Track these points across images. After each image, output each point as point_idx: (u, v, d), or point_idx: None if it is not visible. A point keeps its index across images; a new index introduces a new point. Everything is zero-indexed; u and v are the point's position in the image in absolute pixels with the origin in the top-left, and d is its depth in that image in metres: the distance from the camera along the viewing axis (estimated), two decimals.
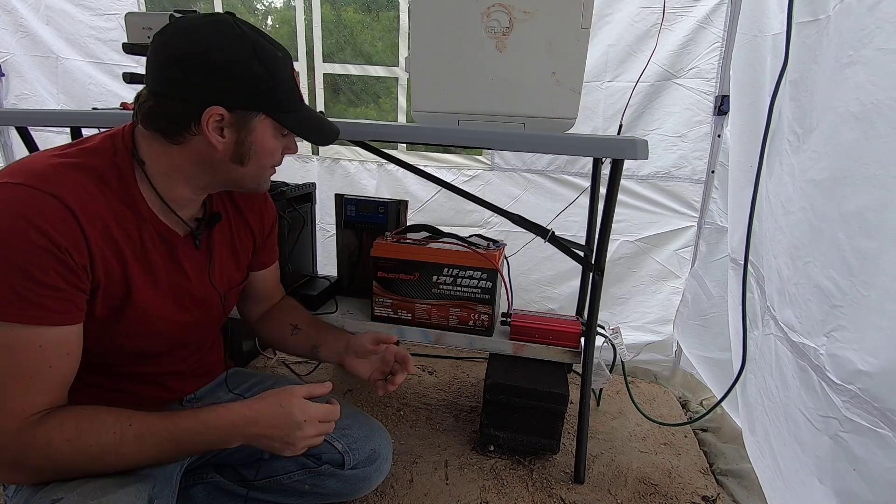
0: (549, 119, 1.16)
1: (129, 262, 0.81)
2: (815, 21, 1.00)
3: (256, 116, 0.81)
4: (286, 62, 0.84)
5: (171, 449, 0.78)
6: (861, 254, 0.82)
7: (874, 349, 0.78)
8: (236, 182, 0.89)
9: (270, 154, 0.87)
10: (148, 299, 0.85)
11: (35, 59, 2.17)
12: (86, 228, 0.73)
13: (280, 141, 0.88)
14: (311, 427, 0.86)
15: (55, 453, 0.72)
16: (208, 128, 0.78)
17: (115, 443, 0.74)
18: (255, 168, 0.87)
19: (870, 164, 0.81)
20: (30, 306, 0.69)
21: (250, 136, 0.82)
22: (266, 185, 0.94)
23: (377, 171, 2.13)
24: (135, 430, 0.76)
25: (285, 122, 0.85)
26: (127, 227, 0.81)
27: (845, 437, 0.84)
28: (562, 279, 2.06)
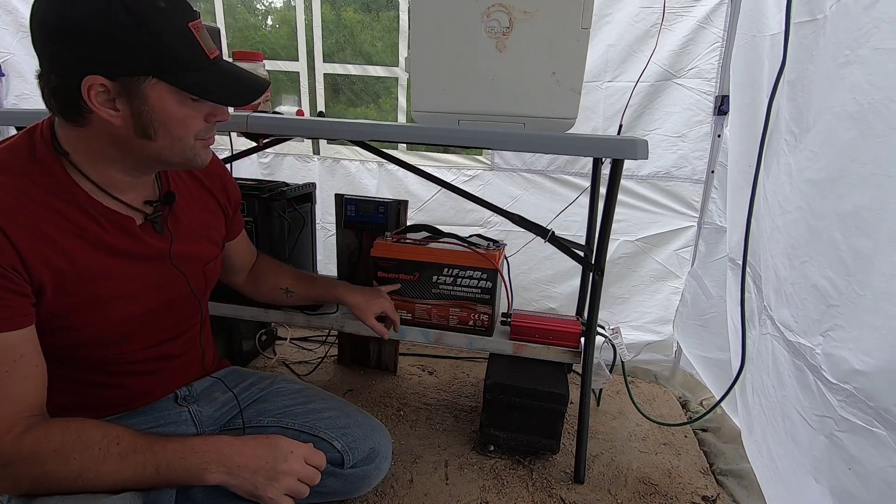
0: (549, 119, 1.16)
1: (76, 252, 0.78)
2: (813, 21, 1.00)
3: (145, 81, 0.71)
4: (174, 12, 0.72)
5: (150, 473, 0.75)
6: (857, 253, 0.82)
7: (870, 349, 0.78)
8: (158, 159, 0.80)
9: (181, 123, 0.77)
10: (111, 284, 0.83)
11: (35, 59, 2.16)
12: (8, 231, 0.70)
13: (192, 107, 0.77)
14: (297, 462, 0.85)
15: (39, 463, 0.70)
16: (94, 102, 0.70)
17: (97, 459, 0.72)
18: (169, 140, 0.77)
19: (866, 164, 0.81)
20: None
21: (146, 105, 0.73)
22: (200, 159, 0.84)
23: (378, 170, 2.13)
24: (120, 449, 0.74)
25: (180, 83, 0.74)
26: (69, 219, 0.78)
27: (841, 436, 0.84)
28: (562, 279, 2.06)
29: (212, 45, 0.78)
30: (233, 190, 1.11)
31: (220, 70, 0.79)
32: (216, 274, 1.09)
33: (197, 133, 0.80)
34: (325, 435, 1.09)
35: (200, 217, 1.01)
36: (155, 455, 0.75)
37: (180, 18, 0.73)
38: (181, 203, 0.95)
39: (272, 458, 0.83)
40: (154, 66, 0.72)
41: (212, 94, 0.77)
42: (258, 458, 0.82)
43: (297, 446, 0.87)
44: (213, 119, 0.82)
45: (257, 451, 0.82)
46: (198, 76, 0.75)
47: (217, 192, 1.06)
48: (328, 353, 1.96)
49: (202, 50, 0.76)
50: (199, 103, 0.79)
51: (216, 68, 0.78)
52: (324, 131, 1.37)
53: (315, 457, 0.89)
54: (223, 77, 0.79)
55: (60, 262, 0.77)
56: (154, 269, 0.90)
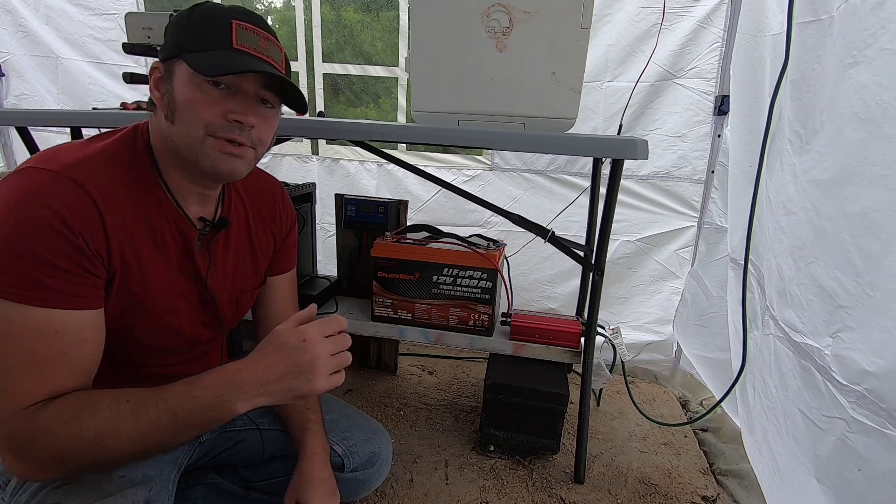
0: (549, 119, 1.16)
1: (145, 254, 0.80)
2: (817, 21, 1.00)
3: (176, 62, 0.75)
4: (226, 11, 0.76)
5: (167, 421, 0.70)
6: (866, 254, 0.82)
7: (880, 350, 0.78)
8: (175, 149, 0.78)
9: (190, 105, 0.75)
10: (163, 290, 0.83)
11: (35, 59, 2.17)
12: (105, 215, 0.72)
13: (207, 93, 0.75)
14: (315, 345, 0.74)
15: (56, 438, 0.69)
16: (153, 84, 0.78)
17: (111, 421, 0.69)
18: (182, 127, 0.76)
19: (875, 165, 0.81)
20: (43, 288, 0.68)
21: (171, 84, 0.76)
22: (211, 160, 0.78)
23: (377, 170, 2.13)
24: (130, 406, 0.70)
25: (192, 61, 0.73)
26: (148, 217, 0.80)
27: (851, 437, 0.84)
28: (562, 279, 2.06)
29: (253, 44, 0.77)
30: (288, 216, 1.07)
31: (235, 54, 0.75)
32: (249, 305, 1.05)
33: (208, 125, 0.76)
34: None
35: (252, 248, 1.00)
36: (167, 402, 0.71)
37: (228, 15, 0.76)
38: (235, 231, 0.95)
39: (288, 357, 0.73)
40: (182, 46, 0.75)
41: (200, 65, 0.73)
42: (273, 366, 0.73)
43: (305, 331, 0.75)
44: (232, 116, 0.76)
45: (269, 360, 0.74)
46: (210, 56, 0.74)
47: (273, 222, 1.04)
48: None
49: (230, 38, 0.75)
50: (219, 94, 0.75)
51: (233, 53, 0.75)
52: (324, 131, 1.37)
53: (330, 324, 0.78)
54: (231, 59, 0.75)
55: (132, 260, 0.78)
56: (195, 288, 0.90)
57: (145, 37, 1.33)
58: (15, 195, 0.68)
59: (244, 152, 0.80)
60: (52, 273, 0.68)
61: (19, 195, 0.68)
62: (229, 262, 0.96)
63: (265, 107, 0.81)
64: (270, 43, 0.80)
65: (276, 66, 0.80)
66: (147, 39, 1.33)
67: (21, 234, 0.67)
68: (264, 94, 0.80)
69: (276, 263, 1.08)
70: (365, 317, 1.49)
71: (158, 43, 1.34)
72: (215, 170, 0.79)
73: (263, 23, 0.80)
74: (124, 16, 1.34)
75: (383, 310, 1.45)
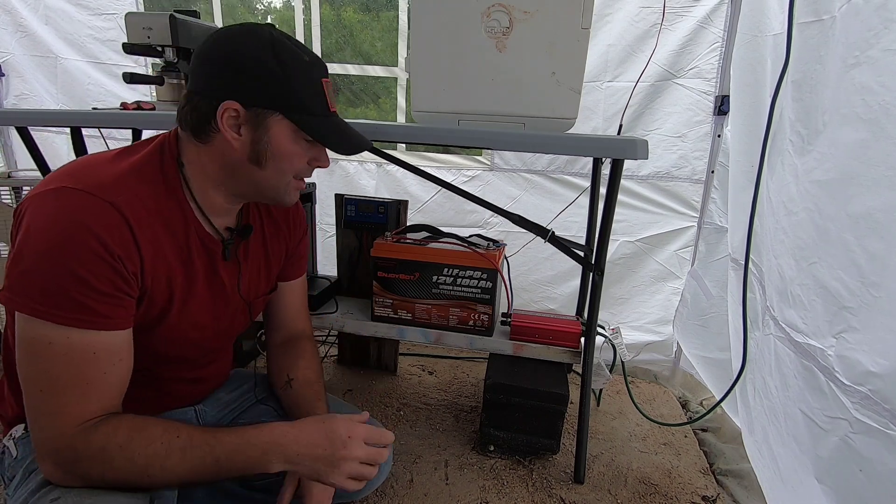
0: (549, 119, 1.16)
1: (174, 269, 0.82)
2: (818, 21, 1.00)
3: (272, 115, 0.80)
4: (313, 67, 0.82)
5: (211, 465, 0.76)
6: (871, 255, 0.82)
7: (884, 351, 0.78)
8: (258, 187, 0.86)
9: (289, 158, 0.84)
10: (187, 306, 0.86)
11: (35, 59, 2.17)
12: (139, 238, 0.74)
13: (302, 147, 0.85)
14: (356, 447, 0.82)
15: (107, 459, 0.72)
16: (224, 123, 0.78)
17: (161, 454, 0.74)
18: (275, 172, 0.84)
19: (878, 165, 0.81)
20: (84, 310, 0.70)
21: (266, 136, 0.80)
22: (290, 198, 0.90)
23: (376, 171, 2.12)
24: (180, 443, 0.75)
25: (302, 124, 0.82)
26: (176, 233, 0.82)
27: (854, 438, 0.84)
28: (562, 279, 2.06)
29: (334, 101, 0.87)
30: (299, 221, 1.11)
31: (336, 122, 0.87)
32: (261, 309, 1.10)
33: (297, 172, 0.87)
34: None
35: (266, 254, 1.03)
36: (213, 449, 0.76)
37: (317, 73, 0.83)
38: (253, 238, 0.98)
39: (330, 446, 0.81)
40: (284, 104, 0.80)
41: (327, 140, 0.85)
42: (316, 445, 0.81)
43: (356, 429, 0.83)
44: (315, 164, 0.89)
45: (314, 439, 0.81)
46: (318, 122, 0.83)
47: (287, 230, 1.07)
48: (328, 353, 1.95)
49: (326, 102, 0.85)
50: (308, 146, 0.85)
51: (333, 119, 0.87)
52: None
53: (376, 435, 0.86)
54: (337, 128, 0.87)
55: (162, 279, 0.80)
56: (220, 299, 0.93)
57: (145, 37, 1.32)
58: (56, 218, 0.70)
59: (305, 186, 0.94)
60: (94, 296, 0.71)
61: (60, 219, 0.69)
62: (249, 269, 0.98)
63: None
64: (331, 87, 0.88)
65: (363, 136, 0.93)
66: (147, 39, 1.33)
67: (65, 257, 0.69)
68: None
69: (288, 269, 1.11)
70: (365, 317, 1.49)
71: (158, 43, 1.34)
72: (288, 203, 0.91)
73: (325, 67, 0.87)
74: (124, 16, 1.33)
75: (383, 310, 1.45)
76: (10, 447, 0.86)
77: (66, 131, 1.79)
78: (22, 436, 0.87)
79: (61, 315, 0.69)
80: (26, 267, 0.69)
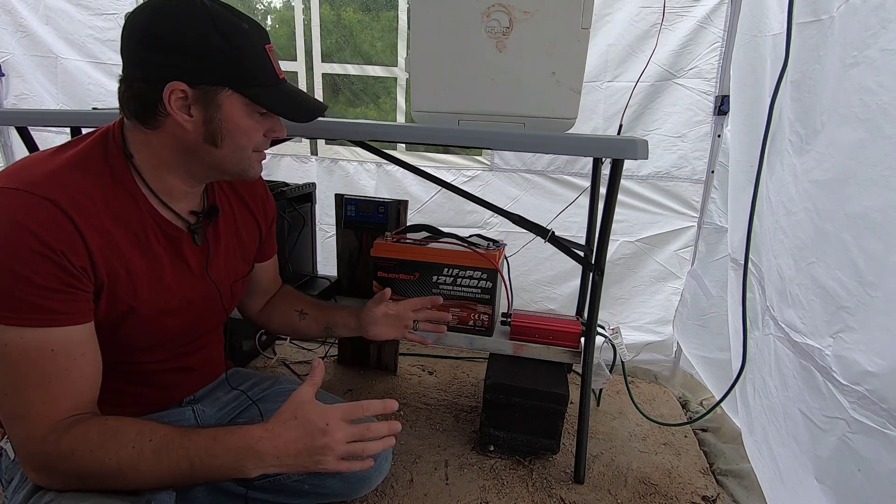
0: (549, 119, 1.16)
1: (133, 261, 0.80)
2: (817, 21, 1.00)
3: (222, 91, 0.77)
4: (254, 35, 0.79)
5: (185, 469, 0.73)
6: (868, 255, 0.82)
7: (882, 350, 0.78)
8: (218, 167, 0.84)
9: (245, 133, 0.82)
10: (155, 296, 0.84)
11: (35, 59, 2.17)
12: (83, 230, 0.72)
13: (256, 120, 0.82)
14: (338, 430, 0.77)
15: (79, 463, 0.71)
16: (172, 106, 0.75)
17: (133, 458, 0.72)
18: (232, 149, 0.82)
19: (876, 166, 0.81)
20: (34, 309, 0.69)
21: (218, 114, 0.78)
22: (254, 171, 0.88)
23: (376, 171, 2.13)
24: (153, 446, 0.73)
25: (255, 97, 0.79)
26: (130, 225, 0.80)
27: (852, 437, 0.84)
28: (561, 279, 2.06)
29: (278, 66, 0.84)
30: (270, 206, 1.12)
31: (287, 89, 0.85)
32: (242, 292, 1.09)
33: (255, 145, 0.85)
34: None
35: (238, 235, 1.03)
36: (187, 451, 0.73)
37: (258, 40, 0.80)
38: (222, 219, 0.98)
39: (309, 439, 0.76)
40: (232, 78, 0.77)
41: (280, 109, 0.83)
42: (293, 442, 0.76)
43: (331, 413, 0.78)
44: (272, 134, 0.87)
45: (289, 437, 0.76)
46: (268, 92, 0.81)
47: (257, 209, 1.07)
48: (328, 353, 1.96)
49: (273, 70, 0.82)
50: (263, 118, 0.84)
51: (284, 87, 0.84)
52: (324, 131, 1.37)
53: (356, 410, 0.80)
54: (289, 95, 0.85)
55: (120, 269, 0.79)
56: (192, 283, 0.92)
57: None
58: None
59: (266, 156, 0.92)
60: (41, 293, 0.69)
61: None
62: (221, 251, 0.97)
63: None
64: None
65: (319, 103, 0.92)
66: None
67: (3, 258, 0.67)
68: None
69: (263, 250, 1.13)
70: None
71: None
72: (252, 176, 0.89)
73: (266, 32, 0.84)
74: (124, 16, 1.33)
75: None
76: (8, 449, 0.85)
77: (66, 131, 1.80)
78: None
79: (9, 316, 0.68)
80: None
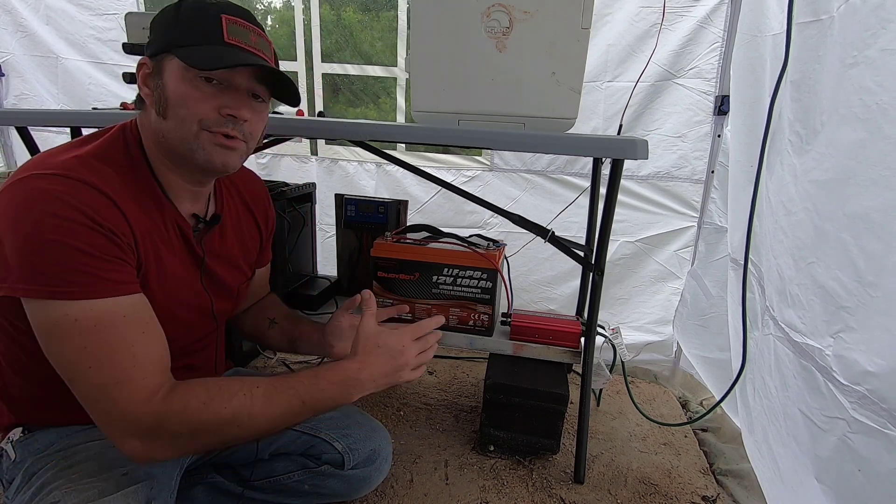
0: (549, 119, 1.16)
1: (160, 248, 0.82)
2: (817, 21, 1.00)
3: (166, 57, 0.76)
4: (212, 5, 0.77)
5: (297, 406, 0.80)
6: (868, 255, 0.82)
7: (882, 350, 0.78)
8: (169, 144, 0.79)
9: (183, 101, 0.75)
10: (171, 284, 0.85)
11: (35, 59, 2.17)
12: (125, 211, 0.74)
13: (198, 87, 0.76)
14: (410, 350, 0.89)
15: (192, 417, 0.73)
16: (140, 81, 0.78)
17: (246, 404, 0.76)
18: (175, 122, 0.77)
19: (876, 165, 0.81)
20: (96, 280, 0.69)
21: (161, 80, 0.76)
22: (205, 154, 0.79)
23: (376, 171, 2.13)
24: (263, 391, 0.78)
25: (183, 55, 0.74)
26: (152, 214, 0.81)
27: (852, 437, 0.84)
28: (561, 280, 2.06)
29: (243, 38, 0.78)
30: (271, 214, 1.12)
31: (228, 49, 0.76)
32: (243, 297, 1.10)
33: (202, 120, 0.77)
34: (326, 436, 1.09)
35: (242, 240, 1.03)
36: (296, 390, 0.80)
37: (216, 10, 0.77)
38: (228, 224, 0.98)
39: (392, 362, 0.87)
40: (172, 41, 0.76)
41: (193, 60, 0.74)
42: (382, 366, 0.87)
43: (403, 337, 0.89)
44: (225, 111, 0.78)
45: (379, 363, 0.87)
46: (201, 50, 0.75)
47: (259, 215, 1.08)
48: None
49: (221, 33, 0.76)
50: (212, 89, 0.76)
51: (225, 48, 0.76)
52: (324, 131, 1.37)
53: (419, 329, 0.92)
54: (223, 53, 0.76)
55: (151, 255, 0.80)
56: (196, 281, 0.92)
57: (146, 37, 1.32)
58: (27, 203, 0.67)
59: (237, 145, 0.82)
60: (100, 265, 0.70)
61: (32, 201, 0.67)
62: (224, 256, 0.98)
63: (256, 101, 0.83)
64: (260, 37, 0.81)
65: (266, 59, 0.82)
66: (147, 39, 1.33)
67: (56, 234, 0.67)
68: (256, 89, 0.82)
69: (261, 257, 1.13)
70: None
71: None
72: (210, 163, 0.80)
73: (251, 17, 0.81)
74: (124, 16, 1.33)
75: None
76: (9, 450, 0.85)
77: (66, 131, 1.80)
78: (20, 439, 0.86)
79: (74, 291, 0.68)
80: (19, 254, 0.66)
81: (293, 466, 1.11)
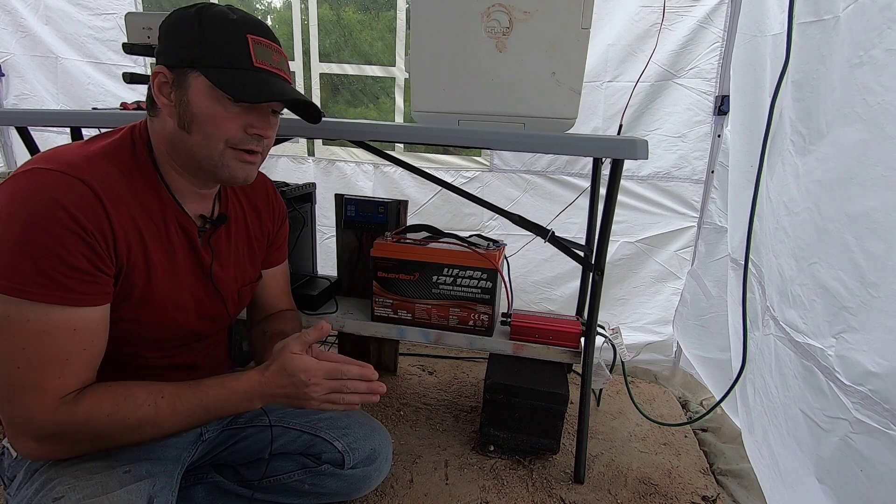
0: (549, 119, 1.16)
1: (151, 250, 0.82)
2: (819, 21, 1.00)
3: (192, 73, 0.77)
4: (237, 23, 0.78)
5: (201, 414, 0.81)
6: (870, 256, 0.81)
7: (885, 351, 0.78)
8: (193, 158, 0.82)
9: (211, 120, 0.78)
10: (170, 288, 0.86)
11: (35, 59, 2.17)
12: (110, 213, 0.75)
13: (226, 107, 0.78)
14: (317, 386, 0.85)
15: (95, 428, 0.75)
16: (157, 89, 0.79)
17: (150, 414, 0.77)
18: (200, 137, 0.79)
19: (878, 166, 0.81)
20: (62, 288, 0.71)
21: (186, 95, 0.78)
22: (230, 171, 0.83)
23: (374, 172, 2.12)
24: (167, 402, 0.79)
25: (214, 78, 0.76)
26: (153, 216, 0.83)
27: (855, 438, 0.84)
28: (561, 281, 2.06)
29: (268, 59, 0.81)
30: (279, 207, 1.12)
31: (258, 75, 0.79)
32: (249, 297, 1.10)
33: (229, 139, 0.80)
34: (327, 435, 1.10)
35: (249, 239, 1.04)
36: (201, 400, 0.81)
37: (242, 29, 0.79)
38: (233, 224, 0.99)
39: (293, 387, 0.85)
40: (199, 59, 0.77)
41: (229, 87, 0.77)
42: (284, 387, 0.85)
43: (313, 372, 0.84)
44: (251, 130, 0.82)
45: (280, 382, 0.85)
46: (233, 75, 0.77)
47: (265, 211, 1.08)
48: None
49: (249, 56, 0.78)
50: (239, 109, 0.80)
51: (255, 73, 0.79)
52: (323, 132, 1.37)
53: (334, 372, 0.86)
54: (256, 80, 0.79)
55: (138, 256, 0.81)
56: (200, 282, 0.93)
57: (145, 37, 1.32)
58: (24, 196, 0.69)
59: (257, 159, 0.86)
60: (70, 273, 0.71)
61: (29, 196, 0.69)
62: (231, 257, 0.99)
63: (274, 115, 0.87)
64: (280, 55, 0.84)
65: (288, 79, 0.85)
66: (147, 39, 1.33)
67: (37, 234, 0.69)
68: (276, 106, 0.86)
69: (271, 256, 1.12)
70: (365, 317, 1.49)
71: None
72: (233, 179, 0.85)
73: (272, 34, 0.84)
74: (124, 16, 1.33)
75: (383, 310, 1.45)
76: (10, 447, 0.86)
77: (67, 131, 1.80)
78: None
79: (39, 293, 0.69)
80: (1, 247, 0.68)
81: (293, 466, 1.11)
